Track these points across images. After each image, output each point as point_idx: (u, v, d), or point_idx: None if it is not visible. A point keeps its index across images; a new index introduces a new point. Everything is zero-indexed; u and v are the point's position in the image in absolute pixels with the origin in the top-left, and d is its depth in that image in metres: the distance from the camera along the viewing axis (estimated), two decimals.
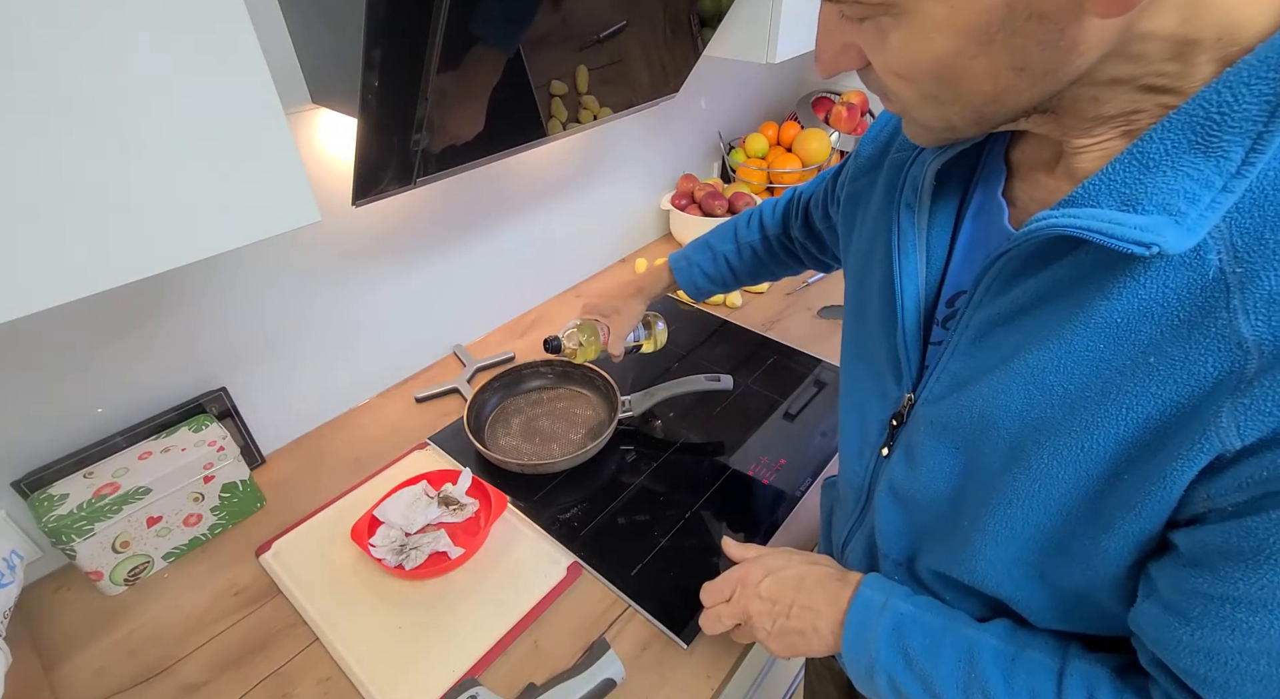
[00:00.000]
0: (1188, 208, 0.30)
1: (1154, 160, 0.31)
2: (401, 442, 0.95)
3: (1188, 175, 0.30)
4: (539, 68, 0.77)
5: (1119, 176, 0.32)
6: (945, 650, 0.45)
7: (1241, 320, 0.29)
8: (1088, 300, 0.34)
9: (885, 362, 0.50)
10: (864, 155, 0.56)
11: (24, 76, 0.35)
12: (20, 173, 0.36)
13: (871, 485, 0.54)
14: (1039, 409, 0.37)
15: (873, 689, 0.49)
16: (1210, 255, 0.30)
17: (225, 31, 0.41)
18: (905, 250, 0.46)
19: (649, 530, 0.81)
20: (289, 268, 0.86)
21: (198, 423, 0.80)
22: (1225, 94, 0.29)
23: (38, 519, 0.68)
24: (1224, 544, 0.32)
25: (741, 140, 1.50)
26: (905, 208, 0.46)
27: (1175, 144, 0.31)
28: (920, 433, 0.45)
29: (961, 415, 0.41)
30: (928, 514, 0.47)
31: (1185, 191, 0.30)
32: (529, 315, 1.24)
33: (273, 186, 0.47)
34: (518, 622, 0.70)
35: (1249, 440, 0.29)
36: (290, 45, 0.64)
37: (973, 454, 0.42)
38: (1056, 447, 0.36)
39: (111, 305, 0.72)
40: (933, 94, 0.34)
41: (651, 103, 1.04)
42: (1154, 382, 0.32)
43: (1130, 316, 0.33)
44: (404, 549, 0.75)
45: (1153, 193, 0.31)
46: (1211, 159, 0.30)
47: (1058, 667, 0.42)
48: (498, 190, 1.07)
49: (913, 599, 0.49)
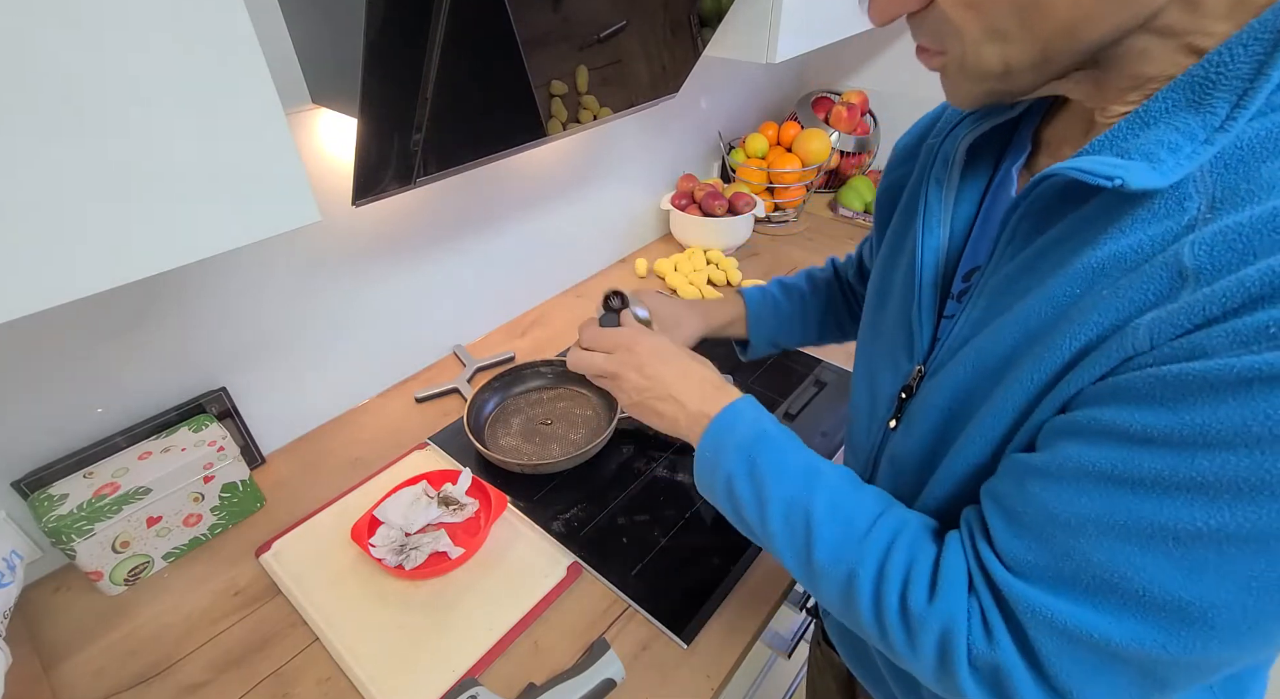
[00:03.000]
0: (1166, 156, 0.32)
1: (1153, 117, 0.33)
2: (401, 442, 0.95)
3: (1175, 129, 0.32)
4: (539, 68, 0.77)
5: (1121, 132, 0.34)
6: (788, 470, 0.47)
7: (1186, 251, 0.31)
8: (1076, 252, 0.36)
9: (899, 338, 0.51)
10: (899, 148, 0.58)
11: (22, 76, 0.35)
12: (19, 173, 0.36)
13: (877, 459, 0.55)
14: (1010, 349, 0.39)
15: (712, 491, 0.52)
16: (1191, 207, 0.32)
17: (225, 31, 0.41)
18: (930, 225, 0.47)
19: (649, 530, 0.81)
20: (289, 268, 0.86)
21: (198, 423, 0.80)
22: (1224, 54, 0.31)
23: (38, 519, 0.68)
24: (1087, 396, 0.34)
25: (741, 140, 1.50)
26: (934, 182, 0.47)
27: (1175, 102, 0.32)
28: (927, 401, 0.46)
29: (957, 372, 0.43)
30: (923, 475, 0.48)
31: (1169, 142, 0.32)
32: (529, 315, 1.24)
33: (273, 186, 0.47)
34: (518, 622, 0.70)
35: (1158, 343, 0.31)
36: (290, 45, 0.64)
37: (951, 413, 0.44)
38: (1010, 381, 0.38)
39: (111, 305, 0.72)
40: (1001, 28, 0.34)
41: (651, 103, 1.04)
42: (1097, 310, 0.34)
43: (1106, 262, 0.34)
44: (404, 549, 0.75)
45: (1141, 144, 0.33)
46: (1200, 114, 0.31)
47: (879, 509, 0.45)
48: (498, 190, 1.07)
49: (778, 426, 0.51)
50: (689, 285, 1.26)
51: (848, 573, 0.43)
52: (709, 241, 1.36)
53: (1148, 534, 0.31)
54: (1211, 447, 0.29)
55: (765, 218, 1.48)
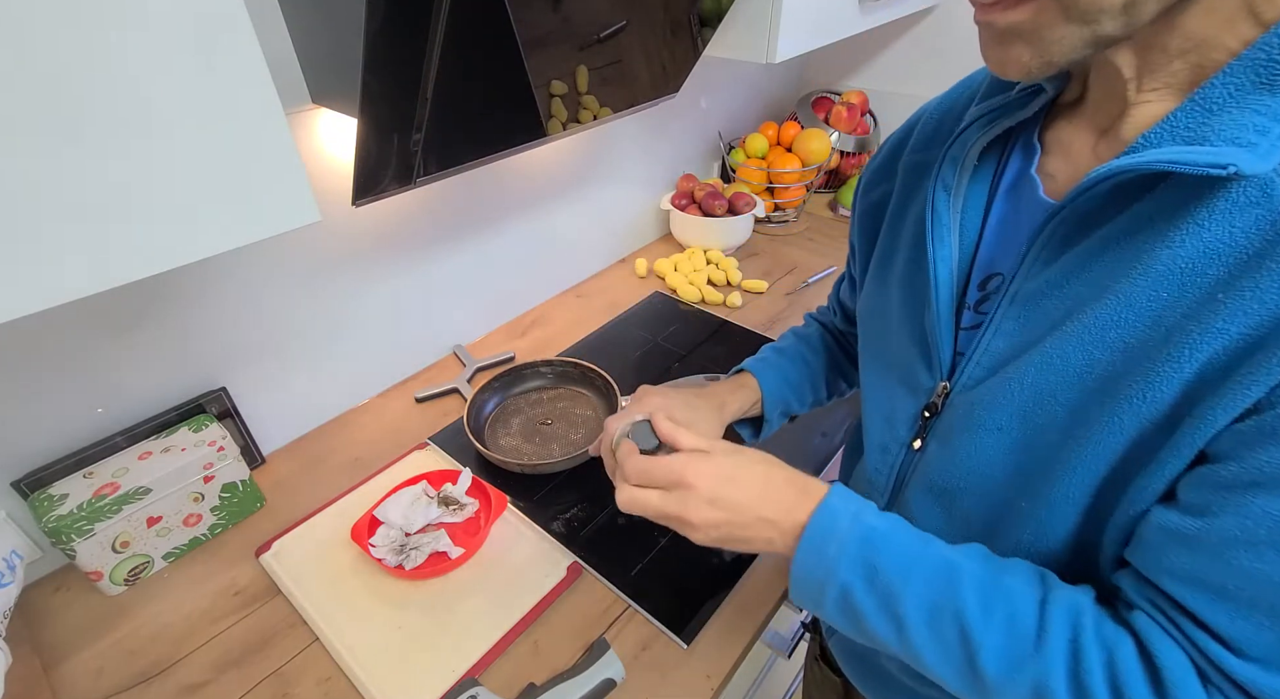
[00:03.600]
0: (1258, 139, 0.30)
1: (1218, 104, 0.31)
2: (401, 442, 0.95)
3: (1256, 111, 0.30)
4: (539, 68, 0.77)
5: (1182, 122, 0.32)
6: (918, 569, 0.41)
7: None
8: (1146, 251, 0.33)
9: (913, 354, 0.48)
10: (872, 171, 0.57)
11: (22, 76, 0.35)
12: (19, 173, 0.36)
13: (900, 481, 0.52)
14: (1101, 368, 0.36)
15: (817, 605, 0.45)
16: (1278, 190, 0.30)
17: (225, 32, 0.41)
18: (939, 234, 0.45)
19: (649, 530, 0.81)
20: (289, 268, 0.86)
21: (198, 423, 0.80)
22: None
23: (38, 519, 0.68)
24: (1249, 435, 0.31)
25: (741, 140, 1.50)
26: (942, 189, 0.45)
27: (1239, 87, 0.31)
28: (959, 420, 0.43)
29: (1010, 391, 0.40)
30: (975, 503, 0.45)
31: (1255, 125, 0.30)
32: (529, 315, 1.24)
33: (273, 186, 0.47)
34: (518, 622, 0.70)
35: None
36: (290, 45, 0.64)
37: (1026, 430, 0.40)
38: (1118, 402, 0.35)
39: (111, 305, 0.72)
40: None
41: (651, 103, 1.04)
42: (1220, 317, 0.31)
43: (1196, 260, 0.32)
44: (404, 549, 0.75)
45: (1220, 130, 0.31)
46: (1278, 94, 0.30)
47: (1039, 595, 0.40)
48: (498, 190, 1.07)
49: (884, 515, 0.45)
50: (689, 285, 1.26)
51: (1034, 684, 0.37)
52: (709, 241, 1.36)
53: None
54: None
55: (765, 218, 1.48)
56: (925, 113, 0.54)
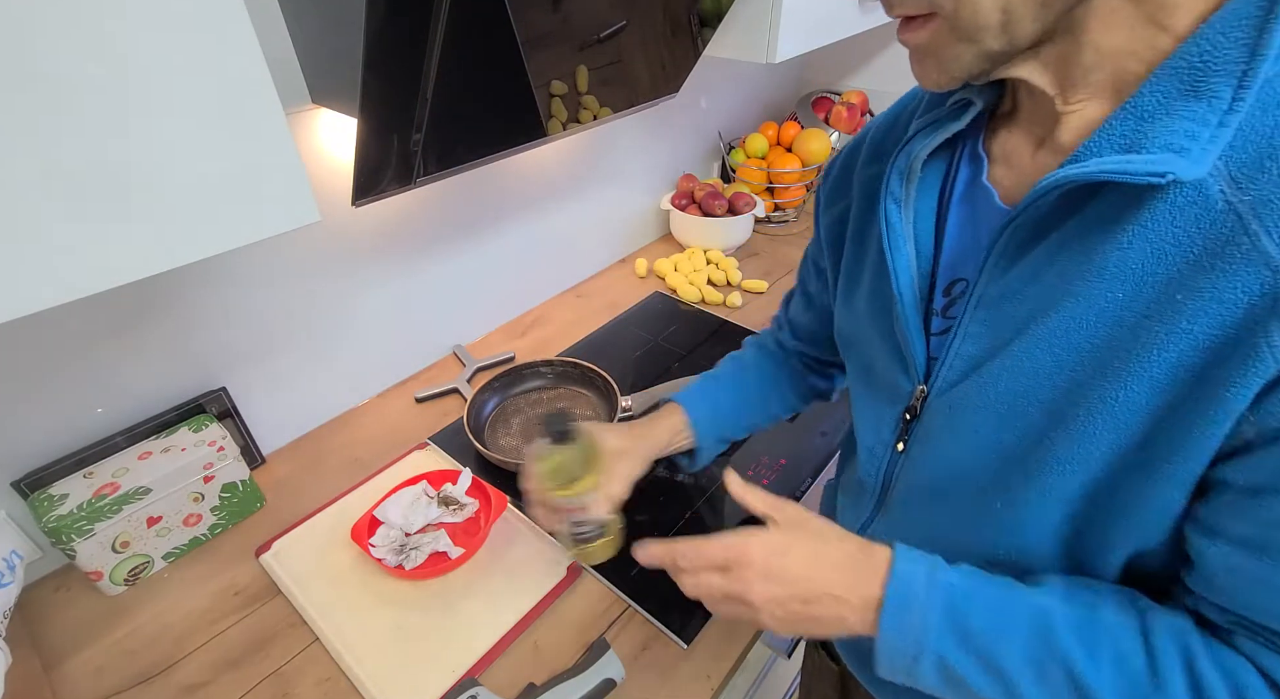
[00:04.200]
0: (1189, 144, 0.32)
1: (1149, 111, 0.33)
2: (401, 442, 0.95)
3: (1184, 117, 0.32)
4: (539, 68, 0.77)
5: (1117, 130, 0.34)
6: (1012, 625, 0.40)
7: (1267, 242, 0.31)
8: (1097, 253, 0.35)
9: (889, 360, 0.50)
10: (828, 190, 0.58)
11: (22, 76, 0.35)
12: (19, 173, 0.36)
13: (887, 482, 0.53)
14: (1069, 369, 0.37)
15: (911, 676, 0.42)
16: (1212, 189, 0.32)
17: (225, 31, 0.41)
18: (896, 243, 0.46)
19: (649, 530, 0.80)
20: (289, 268, 0.86)
21: (198, 423, 0.80)
22: (1204, 44, 0.32)
23: (38, 519, 0.68)
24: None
25: (741, 140, 1.50)
26: (892, 201, 0.46)
27: (1166, 94, 0.33)
28: (938, 423, 0.45)
29: (985, 393, 0.41)
30: (959, 503, 0.46)
31: (1185, 131, 0.32)
32: (529, 315, 1.24)
33: (273, 186, 0.47)
34: (518, 622, 0.70)
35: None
36: (290, 45, 0.64)
37: (1003, 431, 0.41)
38: (1091, 403, 0.36)
39: (111, 305, 0.72)
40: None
41: (651, 103, 1.04)
42: (1183, 317, 0.33)
43: (1144, 259, 0.34)
44: (404, 549, 0.75)
45: (1154, 136, 0.33)
46: (1203, 100, 0.32)
47: (1138, 625, 0.38)
48: (498, 190, 1.07)
49: (957, 569, 0.43)
50: (689, 285, 1.26)
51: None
52: (709, 241, 1.36)
53: None
54: None
55: (765, 218, 1.48)
56: (872, 127, 0.55)
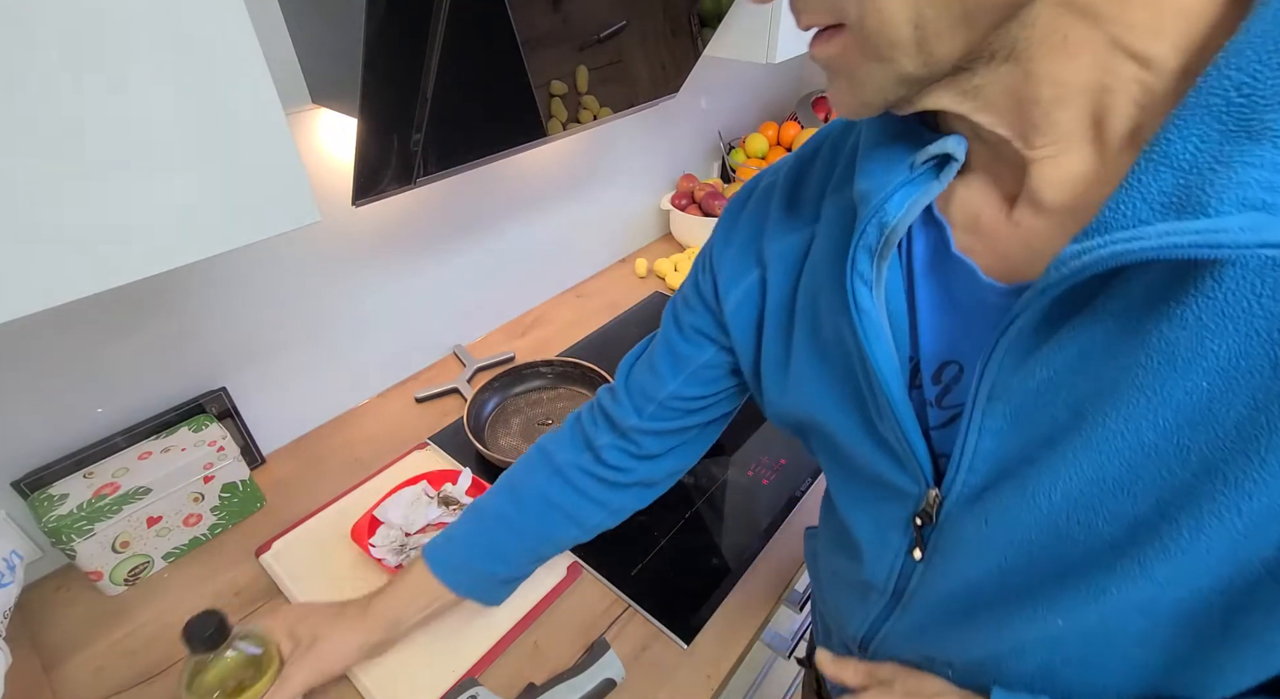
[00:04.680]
0: (1274, 198, 0.25)
1: (1189, 162, 0.26)
2: (401, 442, 0.95)
3: (1249, 164, 0.25)
4: (539, 68, 0.77)
5: (1153, 187, 0.27)
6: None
7: None
8: (1154, 334, 0.28)
9: (877, 457, 0.42)
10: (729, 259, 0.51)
11: (20, 76, 0.35)
12: (20, 173, 0.36)
13: (902, 586, 0.46)
14: (1151, 477, 0.30)
15: None
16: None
17: (225, 32, 0.41)
18: (874, 333, 0.38)
19: (649, 530, 0.81)
20: (289, 268, 0.86)
21: (198, 423, 0.80)
22: (1237, 76, 0.25)
23: (38, 519, 0.68)
24: None
25: (741, 140, 1.50)
26: (862, 284, 0.38)
27: (1205, 139, 0.26)
28: (970, 534, 0.38)
29: (1035, 505, 0.34)
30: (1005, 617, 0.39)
31: (1259, 180, 0.25)
32: (529, 315, 1.24)
33: (273, 186, 0.47)
34: (518, 622, 0.70)
35: None
36: (290, 45, 0.64)
37: (1065, 545, 0.35)
38: (1195, 516, 0.29)
39: (111, 305, 0.72)
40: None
41: (651, 103, 1.04)
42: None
43: (1228, 341, 0.27)
44: (404, 549, 0.75)
45: (1219, 191, 0.25)
46: (1265, 141, 0.25)
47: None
48: (498, 190, 1.07)
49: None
50: None
51: None
52: None
53: None
54: None
55: None
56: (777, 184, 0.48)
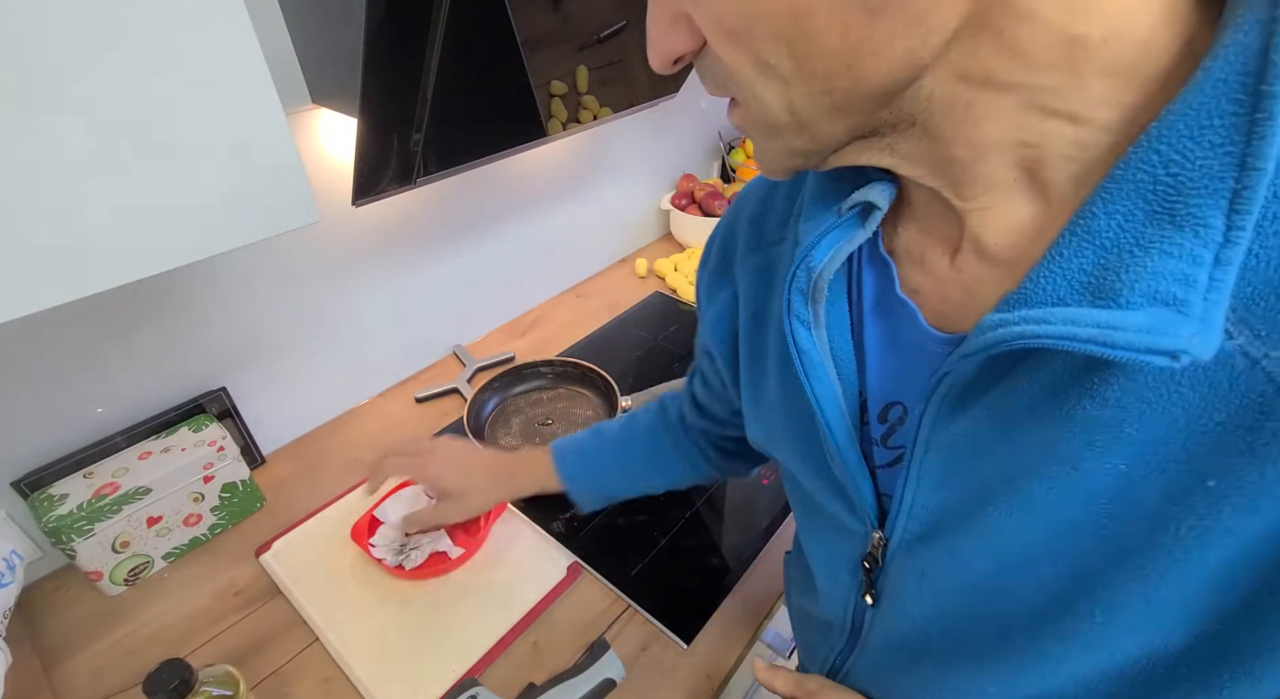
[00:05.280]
0: (1186, 293, 0.23)
1: (1111, 240, 0.25)
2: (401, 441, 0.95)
3: (1168, 254, 0.24)
4: (539, 68, 0.77)
5: (1074, 264, 0.26)
6: None
7: None
8: (1079, 411, 0.27)
9: (829, 495, 0.42)
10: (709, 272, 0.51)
11: (22, 76, 0.35)
12: (20, 173, 0.36)
13: (858, 625, 0.46)
14: (1070, 553, 0.30)
15: None
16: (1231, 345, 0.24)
17: (225, 32, 0.41)
18: (815, 373, 0.37)
19: (649, 530, 0.81)
20: (289, 268, 0.86)
21: (198, 423, 0.80)
22: (1166, 152, 0.24)
23: (38, 519, 0.68)
24: None
25: (741, 140, 1.50)
26: (800, 325, 0.37)
27: (1129, 217, 0.25)
28: (910, 586, 0.39)
29: (965, 569, 0.35)
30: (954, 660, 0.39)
31: (1175, 273, 0.24)
32: (529, 315, 1.24)
33: (273, 186, 0.47)
34: (518, 622, 0.70)
35: None
36: (290, 45, 0.64)
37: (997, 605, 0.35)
38: (1111, 599, 0.30)
39: (112, 305, 0.72)
40: (771, 63, 0.27)
41: (651, 103, 1.04)
42: (1228, 510, 0.26)
43: (1147, 430, 0.26)
44: (404, 549, 0.75)
45: (1132, 280, 0.24)
46: (1187, 230, 0.24)
47: None
48: (498, 190, 1.07)
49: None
50: (689, 285, 1.26)
51: None
52: None
53: None
54: None
55: None
56: (747, 201, 0.48)
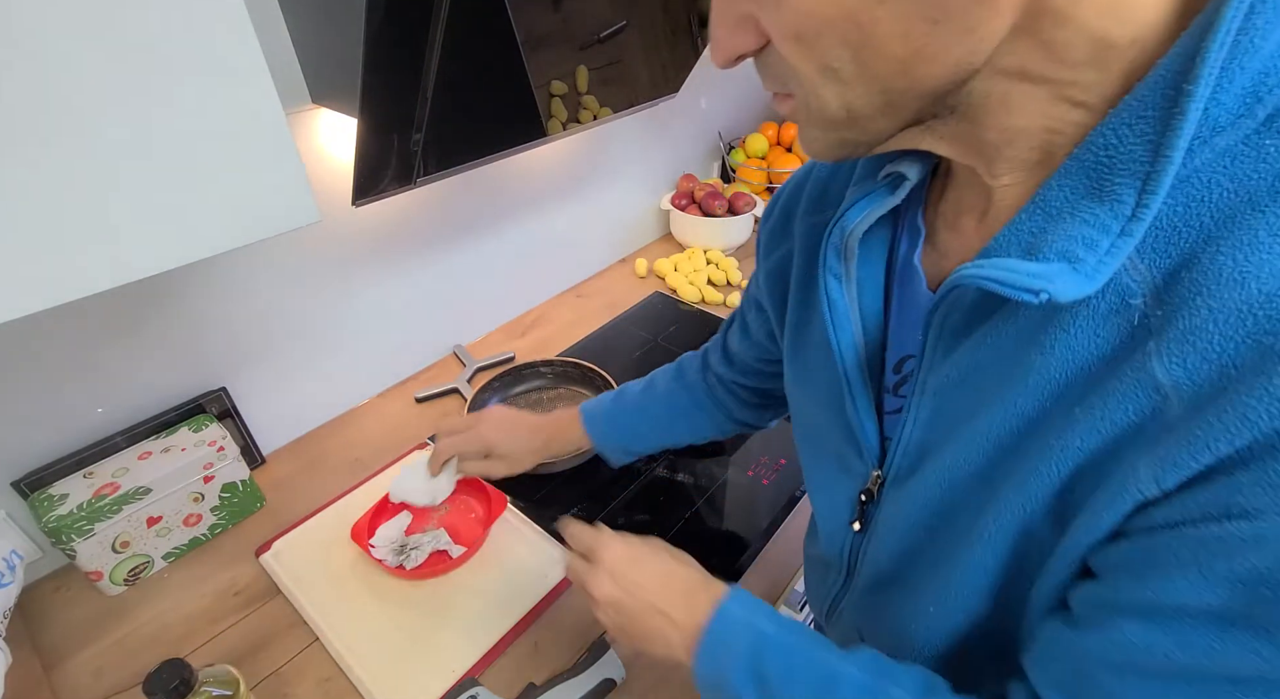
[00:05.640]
0: (1086, 254, 0.29)
1: (1055, 208, 0.30)
2: (401, 442, 0.95)
3: (1085, 222, 0.29)
4: (539, 68, 0.77)
5: (1025, 226, 0.31)
6: (801, 677, 0.42)
7: (1156, 363, 0.28)
8: (1026, 357, 0.32)
9: (840, 437, 0.46)
10: (769, 232, 0.54)
11: (23, 76, 0.35)
12: (20, 174, 0.36)
13: (852, 563, 0.50)
14: (995, 476, 0.35)
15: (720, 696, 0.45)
16: (1135, 300, 0.29)
17: (225, 32, 0.41)
18: (839, 321, 0.43)
19: (649, 530, 0.80)
20: (289, 268, 0.86)
21: (198, 423, 0.80)
22: (1109, 136, 0.28)
23: (38, 519, 0.68)
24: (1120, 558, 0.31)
25: (741, 140, 1.50)
26: (832, 277, 0.42)
27: (1074, 190, 0.29)
28: (892, 514, 0.43)
29: (928, 491, 0.39)
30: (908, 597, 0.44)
31: (1084, 238, 0.29)
32: (529, 315, 1.24)
33: (273, 186, 0.47)
34: (518, 622, 0.70)
35: (1167, 488, 0.28)
36: (290, 45, 0.64)
37: (939, 531, 0.40)
38: (1000, 510, 0.34)
39: (112, 305, 0.72)
40: (834, 66, 0.30)
41: (651, 103, 1.04)
42: (1076, 434, 0.30)
43: (1065, 371, 0.31)
44: (404, 549, 0.75)
45: (1053, 240, 0.30)
46: (1106, 203, 0.28)
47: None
48: (498, 190, 1.07)
49: (776, 619, 0.45)
50: (689, 285, 1.26)
51: None
52: (709, 241, 1.36)
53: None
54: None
55: None
56: (814, 171, 0.51)
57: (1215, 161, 0.27)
